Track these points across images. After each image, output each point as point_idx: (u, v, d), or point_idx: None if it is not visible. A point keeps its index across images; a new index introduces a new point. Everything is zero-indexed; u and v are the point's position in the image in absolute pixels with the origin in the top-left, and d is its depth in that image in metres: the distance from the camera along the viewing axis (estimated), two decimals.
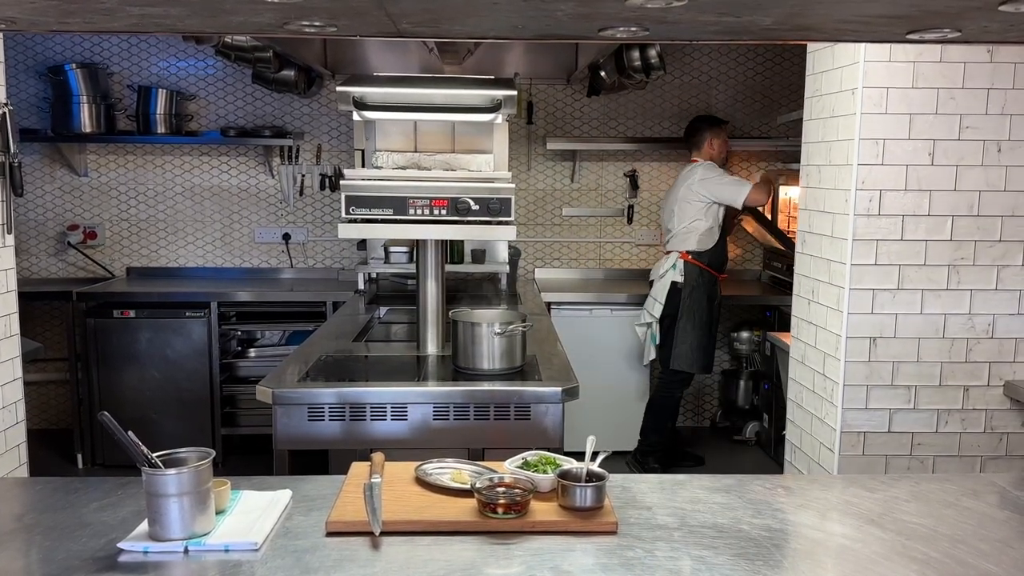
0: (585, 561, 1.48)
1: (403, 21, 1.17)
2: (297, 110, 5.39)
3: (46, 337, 5.24)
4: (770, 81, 5.48)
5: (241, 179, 5.44)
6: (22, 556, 1.54)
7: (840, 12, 1.14)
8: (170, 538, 1.50)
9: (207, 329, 4.76)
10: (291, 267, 5.49)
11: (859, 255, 2.94)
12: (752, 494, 1.80)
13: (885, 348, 2.98)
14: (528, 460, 1.84)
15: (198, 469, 1.52)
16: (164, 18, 1.17)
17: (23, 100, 5.18)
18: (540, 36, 1.30)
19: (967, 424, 3.03)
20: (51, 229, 5.39)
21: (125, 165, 5.38)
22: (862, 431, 3.03)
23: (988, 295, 2.97)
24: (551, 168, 5.56)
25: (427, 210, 2.83)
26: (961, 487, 1.87)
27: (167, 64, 5.31)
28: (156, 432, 4.50)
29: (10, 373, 3.09)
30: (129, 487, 1.78)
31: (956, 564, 1.48)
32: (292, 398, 2.58)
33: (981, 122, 2.89)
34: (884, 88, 2.87)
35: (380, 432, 2.59)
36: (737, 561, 1.48)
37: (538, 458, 1.85)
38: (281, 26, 1.18)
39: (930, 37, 1.27)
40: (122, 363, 4.73)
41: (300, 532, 1.59)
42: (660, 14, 1.09)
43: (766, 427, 5.07)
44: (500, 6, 1.06)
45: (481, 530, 1.58)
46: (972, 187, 2.92)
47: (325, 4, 1.06)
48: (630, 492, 1.80)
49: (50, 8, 1.10)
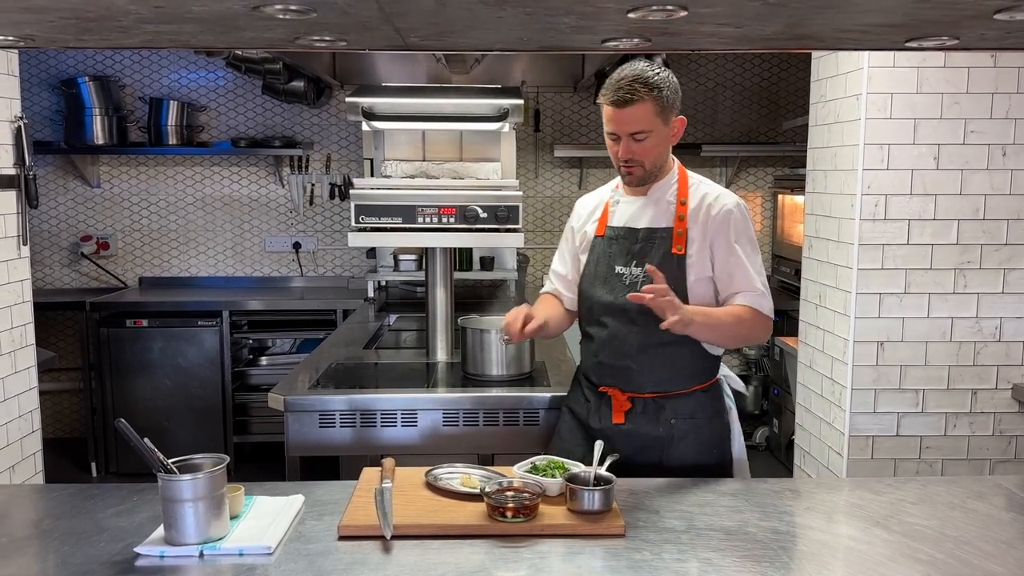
0: (593, 564, 1.50)
1: (411, 35, 1.20)
2: (307, 120, 5.44)
3: (60, 347, 5.29)
4: (775, 87, 5.50)
5: (252, 189, 5.49)
6: (40, 561, 1.57)
7: (839, 22, 1.16)
8: (186, 542, 1.53)
9: (219, 338, 4.80)
10: (301, 276, 5.53)
11: (865, 259, 2.96)
12: (759, 497, 1.82)
13: (892, 352, 2.99)
14: (537, 464, 1.87)
15: (213, 474, 1.55)
16: (178, 34, 1.20)
17: (37, 113, 5.25)
18: (544, 48, 1.33)
19: (975, 427, 3.03)
20: (64, 240, 5.44)
21: (137, 176, 5.44)
22: (870, 435, 3.03)
23: (995, 298, 2.98)
24: (558, 175, 5.59)
25: (436, 218, 2.86)
26: (967, 489, 1.88)
27: (178, 76, 5.36)
28: (169, 440, 4.47)
29: (26, 383, 3.13)
30: (145, 493, 1.81)
31: (961, 565, 1.50)
32: (303, 405, 2.61)
33: (986, 126, 2.90)
34: (888, 94, 2.89)
35: (390, 438, 2.61)
36: (744, 563, 1.49)
37: (547, 462, 1.87)
38: (292, 41, 1.21)
39: (929, 45, 1.29)
40: (135, 372, 4.78)
41: (313, 536, 1.61)
42: (662, 25, 1.11)
43: (776, 432, 5.07)
44: (505, 20, 1.09)
45: (490, 534, 1.60)
46: (978, 191, 2.93)
47: (335, 20, 1.09)
48: (637, 496, 1.82)
49: (68, 26, 1.13)
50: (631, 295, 1.95)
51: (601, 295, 2.20)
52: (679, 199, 2.18)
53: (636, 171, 2.14)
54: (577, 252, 2.34)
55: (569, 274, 2.37)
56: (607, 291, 2.19)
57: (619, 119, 2.07)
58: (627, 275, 2.16)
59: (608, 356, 2.19)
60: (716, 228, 2.13)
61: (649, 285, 1.93)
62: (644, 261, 2.12)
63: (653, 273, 1.95)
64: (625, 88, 2.04)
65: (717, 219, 2.14)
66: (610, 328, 2.18)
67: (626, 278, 2.16)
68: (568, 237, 2.39)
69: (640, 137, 2.08)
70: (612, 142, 2.13)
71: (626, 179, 2.19)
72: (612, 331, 2.17)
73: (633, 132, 2.07)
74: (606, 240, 2.23)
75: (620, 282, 2.17)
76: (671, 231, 2.16)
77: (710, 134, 5.50)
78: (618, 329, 2.16)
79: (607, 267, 2.20)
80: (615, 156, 2.14)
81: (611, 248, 2.22)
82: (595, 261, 2.24)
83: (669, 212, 2.18)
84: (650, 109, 2.06)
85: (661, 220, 2.18)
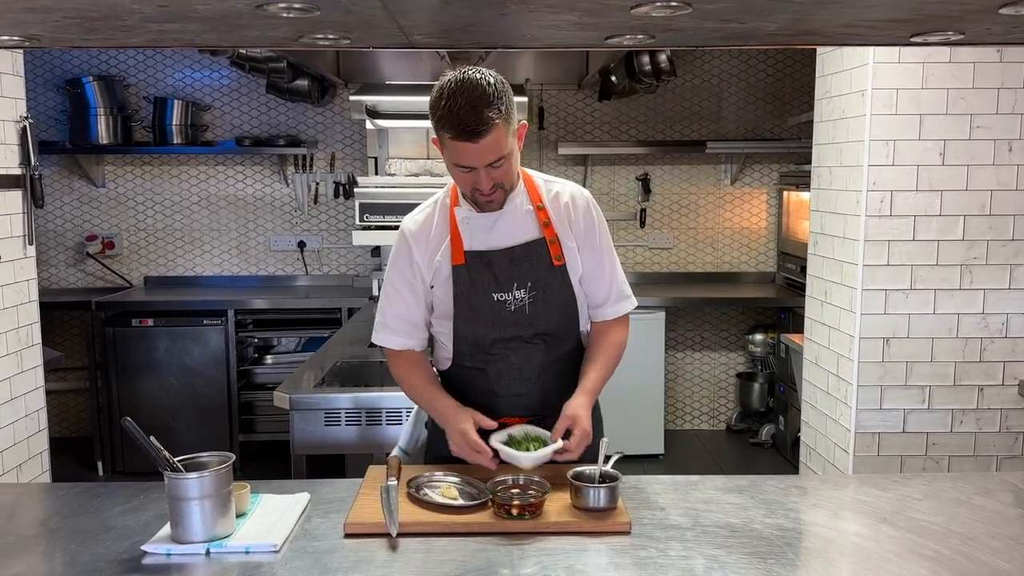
0: (599, 561, 1.50)
1: (414, 33, 1.19)
2: (311, 119, 5.44)
3: (66, 346, 5.30)
4: (781, 83, 5.49)
5: (256, 188, 5.49)
6: (47, 560, 1.57)
7: (843, 17, 1.16)
8: (192, 540, 1.54)
9: (224, 337, 4.81)
10: (306, 274, 5.54)
11: (871, 256, 2.95)
12: (765, 494, 1.82)
13: (899, 348, 2.99)
14: (513, 436, 1.85)
15: (219, 473, 1.55)
16: (182, 33, 1.20)
17: (42, 113, 5.26)
18: (548, 45, 1.33)
19: (982, 424, 3.02)
20: (70, 240, 5.46)
21: (142, 176, 5.45)
22: (876, 432, 3.03)
23: (1001, 294, 2.97)
24: (563, 173, 5.58)
25: None
26: (974, 485, 1.88)
27: (182, 75, 5.37)
28: (175, 439, 4.50)
29: (32, 382, 3.14)
30: (151, 492, 1.81)
31: (968, 561, 1.49)
32: (309, 403, 2.61)
33: (992, 122, 2.89)
34: (894, 89, 2.88)
35: (395, 436, 2.60)
36: (750, 560, 1.49)
37: (524, 434, 1.85)
38: (296, 39, 1.21)
39: (934, 40, 1.28)
40: (141, 371, 4.79)
41: (319, 534, 1.62)
42: (665, 22, 1.11)
43: (782, 429, 5.06)
44: (508, 17, 1.09)
45: (496, 531, 1.60)
46: (984, 187, 2.92)
47: (338, 17, 1.08)
48: (643, 493, 1.81)
49: (73, 26, 1.13)
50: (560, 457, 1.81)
51: (484, 330, 1.96)
52: (535, 204, 1.98)
53: (498, 196, 1.89)
54: (425, 288, 2.00)
55: (422, 317, 2.03)
56: (491, 323, 1.96)
57: (473, 153, 1.79)
58: (510, 300, 1.95)
59: (505, 387, 1.99)
60: (581, 231, 1.99)
61: (562, 444, 1.82)
62: (527, 281, 1.94)
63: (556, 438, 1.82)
64: (473, 119, 1.76)
65: (579, 221, 1.99)
66: (508, 359, 1.98)
67: (510, 304, 1.95)
68: (403, 272, 2.01)
69: (499, 164, 1.83)
70: (464, 173, 1.85)
71: (488, 207, 1.91)
72: (510, 361, 1.98)
73: (492, 162, 1.81)
74: (469, 268, 1.95)
75: (505, 309, 1.95)
76: (544, 241, 1.95)
77: (715, 131, 5.49)
78: (516, 358, 1.98)
79: (482, 297, 1.95)
80: (471, 187, 1.87)
81: (480, 276, 1.95)
82: (463, 294, 1.96)
83: (531, 222, 1.96)
84: (502, 132, 1.80)
85: (528, 232, 1.96)
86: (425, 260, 1.98)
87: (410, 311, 2.01)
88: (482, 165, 1.81)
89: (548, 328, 1.98)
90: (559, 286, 1.97)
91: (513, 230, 1.96)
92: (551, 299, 1.97)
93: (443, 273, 1.96)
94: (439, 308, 2.01)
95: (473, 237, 1.96)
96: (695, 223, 5.59)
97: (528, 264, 1.95)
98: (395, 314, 2.02)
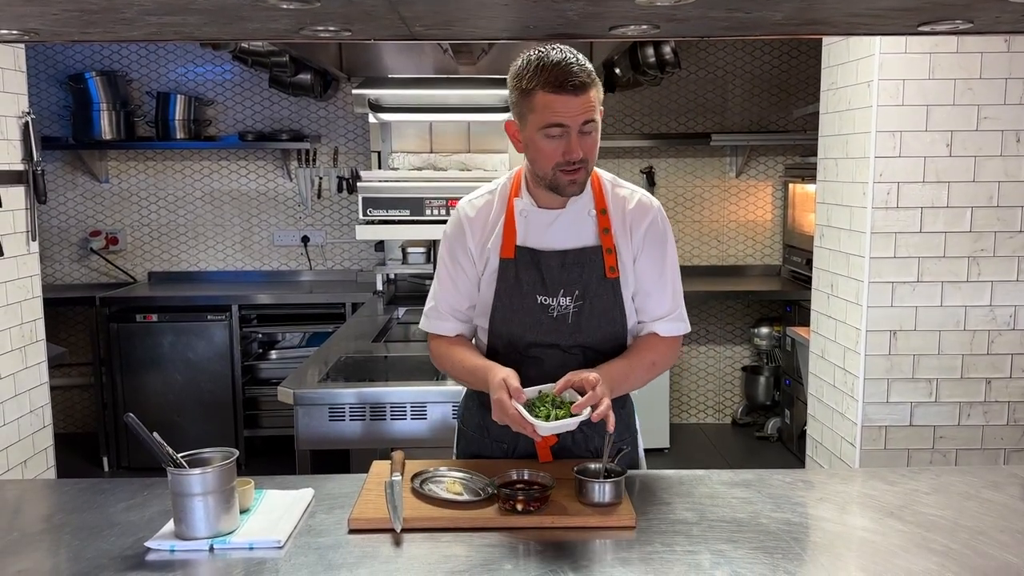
0: (604, 556, 1.49)
1: (416, 24, 1.18)
2: (314, 113, 5.43)
3: (70, 342, 5.31)
4: (786, 75, 5.46)
5: (259, 183, 5.49)
6: (52, 556, 1.57)
7: (850, 5, 1.15)
8: (196, 536, 1.53)
9: (228, 332, 4.81)
10: (310, 269, 5.54)
11: (878, 248, 2.93)
12: (771, 488, 1.81)
13: (905, 341, 2.97)
14: (543, 391, 1.73)
15: (222, 468, 1.55)
16: (182, 26, 1.19)
17: (44, 108, 5.26)
18: (552, 35, 1.31)
19: (990, 417, 3.01)
20: (73, 235, 5.46)
21: (145, 171, 5.44)
22: (883, 425, 3.01)
23: (1009, 286, 2.95)
24: None
25: (444, 210, 2.86)
26: (982, 479, 1.86)
27: (185, 70, 5.36)
28: (180, 434, 4.54)
29: (36, 378, 3.14)
30: (155, 488, 1.81)
31: (976, 555, 1.48)
32: (313, 399, 2.61)
33: (999, 112, 2.87)
34: (900, 80, 2.86)
35: (400, 431, 2.61)
36: (756, 555, 1.48)
37: (551, 396, 1.72)
38: (297, 31, 1.20)
39: (942, 29, 1.27)
40: (145, 367, 4.80)
41: (323, 530, 1.61)
42: (670, 11, 1.10)
43: (788, 423, 5.05)
44: (511, 7, 1.08)
45: (501, 526, 1.59)
46: (991, 178, 2.90)
47: (339, 9, 1.08)
48: (648, 488, 1.80)
49: (72, 19, 1.13)
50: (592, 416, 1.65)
51: (523, 332, 1.86)
52: (598, 208, 1.86)
53: (581, 175, 1.77)
54: (477, 276, 1.90)
55: (470, 306, 1.94)
56: (530, 325, 1.85)
57: (573, 109, 1.69)
58: (554, 306, 1.84)
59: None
60: (641, 241, 1.87)
61: (585, 405, 1.65)
62: (575, 288, 1.83)
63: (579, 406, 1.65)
64: (575, 70, 1.69)
65: (641, 230, 1.86)
66: (542, 365, 1.86)
67: (553, 309, 1.84)
68: (457, 257, 1.91)
69: (588, 129, 1.73)
70: (553, 141, 1.73)
71: (569, 189, 1.79)
72: (544, 367, 1.84)
73: (586, 121, 1.72)
74: (518, 264, 1.84)
75: (546, 314, 1.84)
76: (600, 250, 1.84)
77: (720, 123, 5.46)
78: (551, 365, 1.84)
79: (525, 297, 1.84)
80: (557, 159, 1.74)
81: (526, 274, 1.84)
82: (507, 291, 1.85)
83: (592, 225, 1.85)
84: (596, 96, 1.74)
85: (586, 237, 1.85)
86: (478, 247, 1.89)
87: (461, 299, 1.93)
88: (578, 124, 1.70)
89: (590, 341, 1.87)
90: (608, 299, 1.85)
91: (570, 232, 1.85)
92: (597, 311, 1.85)
93: (491, 265, 1.88)
94: (480, 303, 1.92)
95: (528, 232, 1.85)
96: (700, 216, 5.57)
97: (579, 271, 1.83)
98: (447, 301, 1.93)
